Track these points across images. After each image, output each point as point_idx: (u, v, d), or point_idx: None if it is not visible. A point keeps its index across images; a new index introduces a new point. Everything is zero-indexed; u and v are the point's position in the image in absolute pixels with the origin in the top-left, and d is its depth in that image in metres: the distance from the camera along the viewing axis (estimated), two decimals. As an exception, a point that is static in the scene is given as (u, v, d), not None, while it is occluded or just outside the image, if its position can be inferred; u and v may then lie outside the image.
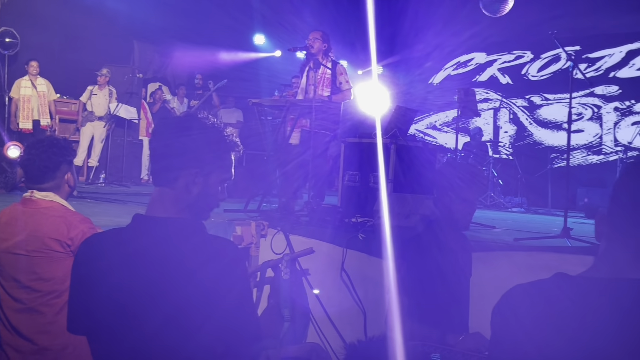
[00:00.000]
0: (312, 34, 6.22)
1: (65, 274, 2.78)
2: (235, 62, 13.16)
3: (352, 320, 4.06)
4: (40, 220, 2.80)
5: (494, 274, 3.63)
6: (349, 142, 5.84)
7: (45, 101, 9.37)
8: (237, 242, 4.44)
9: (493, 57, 13.15)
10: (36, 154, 2.88)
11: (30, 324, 2.76)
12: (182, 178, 1.82)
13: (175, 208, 1.83)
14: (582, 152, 11.64)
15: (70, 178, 2.96)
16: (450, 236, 3.08)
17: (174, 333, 1.67)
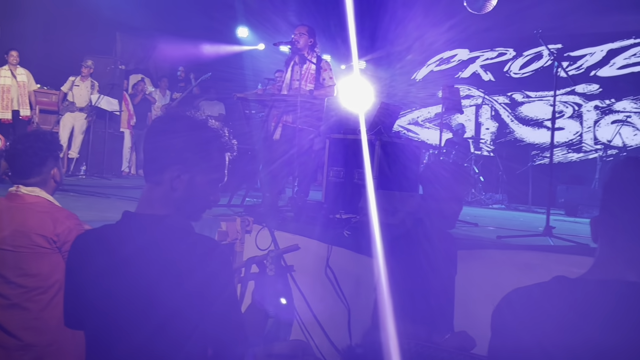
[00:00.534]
0: (299, 29, 6.20)
1: (51, 270, 2.77)
2: (218, 54, 13.10)
3: (336, 318, 4.08)
4: (27, 216, 2.77)
5: (478, 273, 3.66)
6: (334, 138, 5.85)
7: (25, 91, 9.25)
8: (222, 237, 4.43)
9: (476, 54, 13.22)
10: (22, 149, 2.85)
11: (15, 320, 2.73)
12: (167, 175, 1.81)
13: (163, 206, 1.83)
14: (563, 150, 11.76)
15: (56, 173, 2.93)
16: (437, 235, 3.10)
17: (163, 333, 1.68)
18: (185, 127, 1.85)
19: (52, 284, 2.77)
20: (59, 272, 2.79)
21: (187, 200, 1.84)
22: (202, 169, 1.84)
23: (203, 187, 1.86)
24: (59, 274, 2.79)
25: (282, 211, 5.45)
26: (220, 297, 1.73)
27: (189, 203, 1.85)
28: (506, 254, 4.04)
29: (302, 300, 4.31)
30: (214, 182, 1.89)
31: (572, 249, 4.24)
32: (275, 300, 4.17)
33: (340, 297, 4.10)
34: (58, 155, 2.96)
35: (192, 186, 1.83)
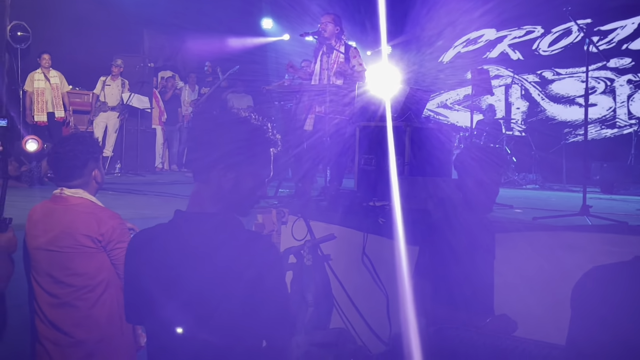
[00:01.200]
0: (324, 18, 6.20)
1: (98, 268, 2.85)
2: (244, 47, 13.15)
3: (375, 304, 4.11)
4: (71, 217, 2.86)
5: (516, 256, 3.66)
6: (364, 126, 5.85)
7: (58, 93, 9.43)
8: (258, 230, 4.49)
9: (503, 33, 13.04)
10: (63, 153, 2.93)
11: (66, 318, 2.83)
12: (214, 174, 1.86)
13: (212, 204, 1.88)
14: (596, 126, 11.57)
15: (97, 174, 3.01)
16: (473, 219, 3.11)
17: (220, 327, 1.74)
18: (228, 125, 1.90)
19: (99, 282, 2.86)
20: (105, 271, 2.88)
21: (235, 198, 1.88)
22: (247, 166, 1.88)
23: (250, 184, 1.89)
24: (106, 272, 2.88)
25: (316, 201, 5.49)
26: (273, 292, 1.78)
27: (237, 200, 1.90)
28: (543, 235, 4.02)
29: (340, 288, 4.35)
30: (261, 178, 1.93)
31: (610, 228, 4.20)
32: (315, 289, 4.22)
33: (378, 285, 4.13)
34: (99, 156, 3.04)
35: (238, 184, 1.87)
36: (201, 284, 1.75)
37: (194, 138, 1.95)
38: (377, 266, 4.21)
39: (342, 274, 4.41)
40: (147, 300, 1.83)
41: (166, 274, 1.79)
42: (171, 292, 1.78)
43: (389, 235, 4.29)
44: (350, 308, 4.29)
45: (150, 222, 2.03)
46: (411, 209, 4.63)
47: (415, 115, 5.69)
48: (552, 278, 3.59)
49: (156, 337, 1.86)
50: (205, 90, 11.50)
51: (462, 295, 2.88)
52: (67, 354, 2.81)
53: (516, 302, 3.23)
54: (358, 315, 4.22)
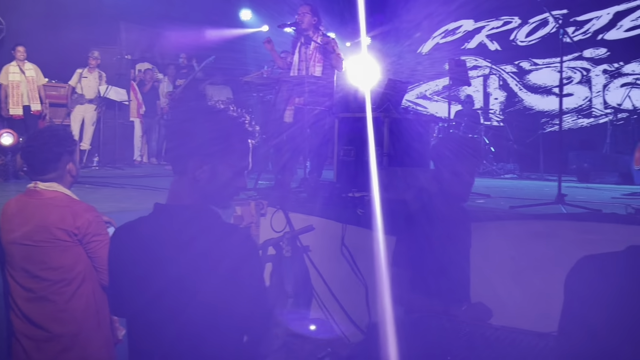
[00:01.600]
0: (301, 9, 6.18)
1: (74, 262, 2.84)
2: (223, 39, 13.08)
3: (355, 294, 4.14)
4: (46, 211, 2.84)
5: (492, 244, 3.70)
6: (343, 117, 5.87)
7: (34, 86, 9.31)
8: (237, 222, 4.49)
9: (481, 24, 13.12)
10: (37, 146, 2.91)
11: (41, 312, 2.82)
12: (190, 166, 1.86)
13: (189, 196, 1.88)
14: (572, 116, 11.70)
15: (72, 168, 2.99)
16: (450, 209, 3.14)
17: (199, 319, 1.75)
18: (205, 117, 1.89)
19: (75, 275, 2.85)
20: (81, 264, 2.86)
21: (211, 190, 1.88)
22: (224, 159, 1.87)
23: (227, 176, 1.89)
24: (82, 266, 2.86)
25: (295, 192, 5.50)
26: (249, 283, 1.79)
27: (214, 192, 1.89)
28: (519, 224, 4.07)
29: (319, 279, 4.38)
30: (238, 169, 1.92)
31: (585, 216, 4.25)
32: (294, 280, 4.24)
33: (357, 275, 4.16)
34: (73, 150, 3.01)
35: (215, 176, 1.87)
36: (178, 276, 1.75)
37: (170, 130, 1.95)
38: (356, 256, 4.24)
39: (321, 264, 4.43)
40: (128, 293, 1.85)
41: (145, 267, 1.80)
42: (150, 284, 1.79)
43: (367, 226, 4.31)
44: (329, 298, 4.32)
45: (129, 216, 2.03)
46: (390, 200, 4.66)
47: (394, 106, 5.72)
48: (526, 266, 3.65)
49: (137, 329, 1.87)
50: (180, 82, 11.42)
51: (438, 284, 2.92)
52: (43, 349, 2.80)
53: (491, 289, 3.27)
54: (337, 306, 4.25)
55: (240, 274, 1.76)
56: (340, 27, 11.41)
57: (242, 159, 1.92)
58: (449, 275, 3.02)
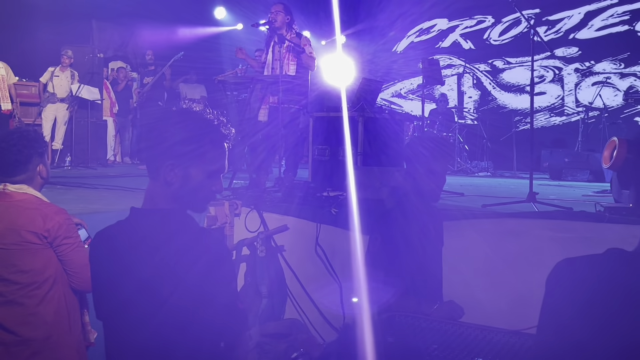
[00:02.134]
0: (274, 7, 6.17)
1: (44, 265, 2.79)
2: (197, 37, 13.00)
3: (329, 294, 4.14)
4: (16, 213, 2.79)
5: (465, 243, 3.73)
6: (317, 117, 5.87)
7: (4, 85, 9.14)
8: (211, 222, 4.46)
9: (455, 23, 13.22)
10: (6, 147, 2.85)
11: (11, 316, 2.76)
12: (162, 171, 1.84)
13: (163, 200, 1.86)
14: (545, 114, 11.85)
15: (42, 169, 2.94)
16: (421, 208, 3.16)
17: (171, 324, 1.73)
18: (175, 120, 1.87)
19: (46, 278, 2.80)
20: (52, 267, 2.82)
21: (185, 194, 1.86)
22: (196, 162, 1.85)
23: (200, 179, 1.86)
24: (53, 269, 2.82)
25: (269, 192, 5.49)
26: (222, 288, 1.77)
27: (187, 196, 1.87)
28: (491, 223, 4.11)
29: (294, 279, 4.37)
30: (212, 173, 1.89)
31: (556, 214, 4.31)
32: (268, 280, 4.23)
33: (331, 274, 4.17)
34: (43, 151, 2.96)
35: (187, 179, 1.84)
36: (150, 280, 1.75)
37: (142, 131, 1.94)
38: (330, 256, 4.24)
39: (295, 264, 4.42)
40: (105, 296, 1.85)
41: (120, 271, 1.79)
42: (123, 288, 1.78)
43: (342, 225, 4.32)
44: (304, 298, 4.32)
45: (101, 217, 2.02)
46: (364, 199, 4.68)
47: (369, 105, 5.73)
48: (497, 264, 3.68)
49: (112, 333, 1.86)
50: (148, 79, 11.32)
51: (412, 283, 2.93)
52: (13, 353, 2.75)
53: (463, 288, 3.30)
54: (312, 305, 4.25)
55: (213, 278, 1.74)
56: (315, 26, 11.41)
57: (216, 161, 1.89)
58: (422, 274, 3.04)
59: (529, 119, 11.70)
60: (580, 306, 1.42)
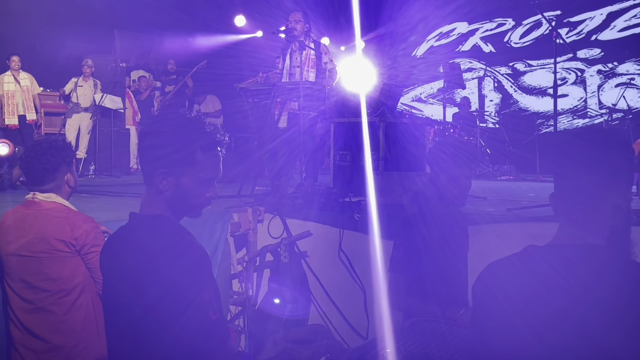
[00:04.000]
0: (293, 16, 6.20)
1: (73, 273, 2.84)
2: (217, 45, 13.09)
3: (353, 299, 4.14)
4: (45, 222, 2.84)
5: (489, 247, 3.71)
6: (338, 122, 5.88)
7: (29, 96, 9.30)
8: (234, 229, 4.49)
9: (475, 26, 13.16)
10: (35, 157, 2.91)
11: (41, 323, 2.82)
12: (155, 178, 1.86)
13: (157, 206, 1.89)
14: (568, 117, 11.74)
15: (70, 178, 2.99)
16: (447, 212, 3.15)
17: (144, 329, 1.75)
18: (167, 129, 1.88)
19: (74, 286, 2.85)
20: (80, 275, 2.86)
21: (178, 200, 1.88)
22: (187, 170, 1.86)
23: (192, 187, 1.87)
24: (81, 277, 2.87)
25: (291, 198, 5.50)
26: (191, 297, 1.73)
27: (180, 203, 1.89)
28: (516, 227, 4.08)
29: (317, 285, 4.38)
30: (205, 180, 1.89)
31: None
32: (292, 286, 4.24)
33: (355, 280, 4.16)
34: (71, 161, 3.02)
35: (179, 186, 1.86)
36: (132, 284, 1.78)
37: (139, 142, 1.97)
38: (353, 261, 4.24)
39: (319, 270, 4.43)
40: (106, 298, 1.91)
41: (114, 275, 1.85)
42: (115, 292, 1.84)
43: (365, 231, 4.32)
44: (328, 304, 4.32)
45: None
46: (386, 204, 4.67)
47: (389, 110, 5.73)
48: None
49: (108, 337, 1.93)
50: (169, 88, 11.42)
51: (436, 288, 2.92)
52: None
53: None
54: (336, 311, 4.25)
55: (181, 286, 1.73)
56: (335, 31, 11.44)
57: (209, 169, 1.89)
58: (447, 280, 3.03)
59: (551, 122, 11.64)
60: (507, 301, 1.50)
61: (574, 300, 1.41)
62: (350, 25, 7.11)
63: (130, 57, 12.57)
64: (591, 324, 1.37)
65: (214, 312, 1.78)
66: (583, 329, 1.38)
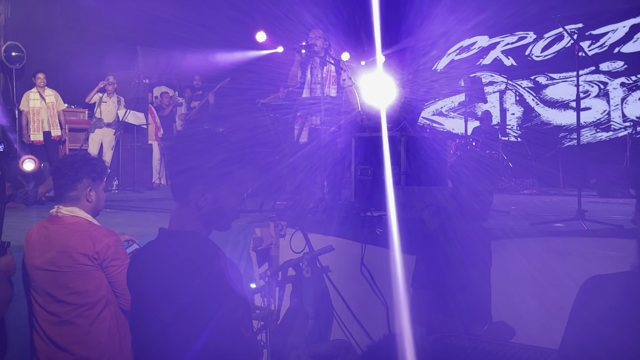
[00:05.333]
0: (314, 33, 6.26)
1: (97, 286, 2.88)
2: (238, 61, 13.20)
3: (375, 315, 4.13)
4: (67, 237, 2.88)
5: (513, 262, 3.68)
6: (359, 137, 5.89)
7: (54, 112, 9.46)
8: (257, 244, 4.51)
9: (496, 40, 13.12)
10: (61, 166, 3.00)
11: (66, 335, 2.85)
12: (192, 195, 1.88)
13: (190, 222, 1.90)
14: (591, 130, 11.62)
15: (91, 194, 3.01)
16: (469, 227, 3.14)
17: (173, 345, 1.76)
18: (203, 146, 1.91)
19: (99, 299, 2.88)
20: (104, 288, 2.90)
21: (213, 215, 1.91)
22: (225, 185, 1.90)
23: (228, 201, 1.91)
24: (105, 290, 2.90)
25: (313, 212, 5.51)
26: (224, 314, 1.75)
27: (215, 217, 1.92)
28: (539, 241, 4.04)
29: (339, 300, 4.37)
30: (239, 194, 1.94)
31: (606, 232, 4.21)
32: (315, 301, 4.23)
33: (377, 295, 4.15)
34: (97, 177, 3.04)
35: (217, 202, 1.89)
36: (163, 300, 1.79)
37: (170, 157, 1.97)
38: (375, 276, 4.23)
39: (341, 285, 4.42)
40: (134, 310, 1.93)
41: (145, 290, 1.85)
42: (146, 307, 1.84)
43: (386, 245, 4.31)
44: (350, 319, 4.31)
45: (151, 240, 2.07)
46: (408, 219, 4.66)
47: (410, 124, 5.73)
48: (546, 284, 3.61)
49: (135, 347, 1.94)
50: (195, 104, 11.53)
51: (458, 304, 2.90)
52: (68, 372, 2.83)
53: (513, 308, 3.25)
54: (358, 326, 4.23)
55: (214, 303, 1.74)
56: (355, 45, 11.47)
57: (242, 182, 1.94)
58: (470, 295, 3.01)
59: (573, 135, 11.54)
60: (600, 322, 1.43)
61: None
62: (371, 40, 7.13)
63: (153, 73, 12.73)
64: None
65: (246, 329, 1.80)
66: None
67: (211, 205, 1.88)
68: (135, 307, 1.93)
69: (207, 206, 1.88)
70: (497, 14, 11.40)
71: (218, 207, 1.90)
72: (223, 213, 1.92)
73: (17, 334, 3.19)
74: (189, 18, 12.12)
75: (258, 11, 12.90)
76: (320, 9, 11.75)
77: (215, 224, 1.94)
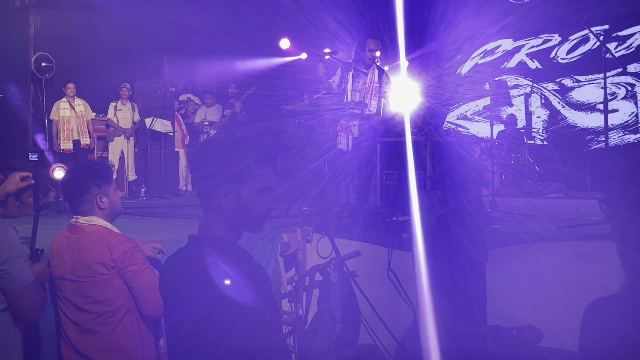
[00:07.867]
0: (372, 43, 6.33)
1: (117, 294, 2.90)
2: (262, 67, 13.29)
3: (403, 319, 4.14)
4: (85, 247, 2.92)
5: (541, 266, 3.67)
6: (385, 142, 5.91)
7: (83, 121, 9.64)
8: (284, 249, 4.55)
9: (520, 43, 13.03)
10: (67, 181, 3.03)
11: (88, 343, 2.89)
12: (215, 198, 1.92)
13: (218, 227, 1.94)
14: (618, 132, 11.48)
15: (101, 201, 3.02)
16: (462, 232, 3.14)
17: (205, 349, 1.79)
18: (218, 149, 1.97)
19: (119, 307, 2.91)
20: (124, 295, 2.92)
21: (239, 215, 1.93)
22: (245, 183, 1.92)
23: (252, 198, 1.93)
24: (125, 297, 2.92)
25: (339, 217, 5.54)
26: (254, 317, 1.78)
27: (242, 217, 1.94)
28: (568, 245, 4.01)
29: (367, 304, 4.39)
30: (262, 191, 1.95)
31: (634, 235, 4.16)
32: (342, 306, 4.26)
33: (404, 299, 4.16)
34: (102, 183, 3.04)
35: (241, 201, 1.92)
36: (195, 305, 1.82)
37: (193, 169, 2.01)
38: (402, 281, 4.24)
39: (368, 290, 4.45)
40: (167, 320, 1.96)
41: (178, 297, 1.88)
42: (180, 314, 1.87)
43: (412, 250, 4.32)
44: (377, 323, 4.32)
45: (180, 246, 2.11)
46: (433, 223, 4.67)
47: (435, 128, 5.74)
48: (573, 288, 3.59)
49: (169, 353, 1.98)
50: (228, 112, 11.63)
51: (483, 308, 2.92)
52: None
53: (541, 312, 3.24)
54: (386, 331, 4.24)
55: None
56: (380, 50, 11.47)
57: (264, 180, 1.96)
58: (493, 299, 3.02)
59: (601, 138, 11.40)
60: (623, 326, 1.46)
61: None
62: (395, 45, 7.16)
63: (178, 81, 12.87)
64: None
65: (276, 332, 1.83)
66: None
67: (235, 206, 1.91)
68: (168, 314, 1.96)
69: (231, 207, 1.91)
70: (522, 18, 11.32)
71: (243, 206, 1.92)
72: (250, 212, 1.94)
73: (49, 341, 3.25)
74: (214, 25, 12.22)
75: (282, 18, 13.00)
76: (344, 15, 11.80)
77: (243, 225, 1.97)
